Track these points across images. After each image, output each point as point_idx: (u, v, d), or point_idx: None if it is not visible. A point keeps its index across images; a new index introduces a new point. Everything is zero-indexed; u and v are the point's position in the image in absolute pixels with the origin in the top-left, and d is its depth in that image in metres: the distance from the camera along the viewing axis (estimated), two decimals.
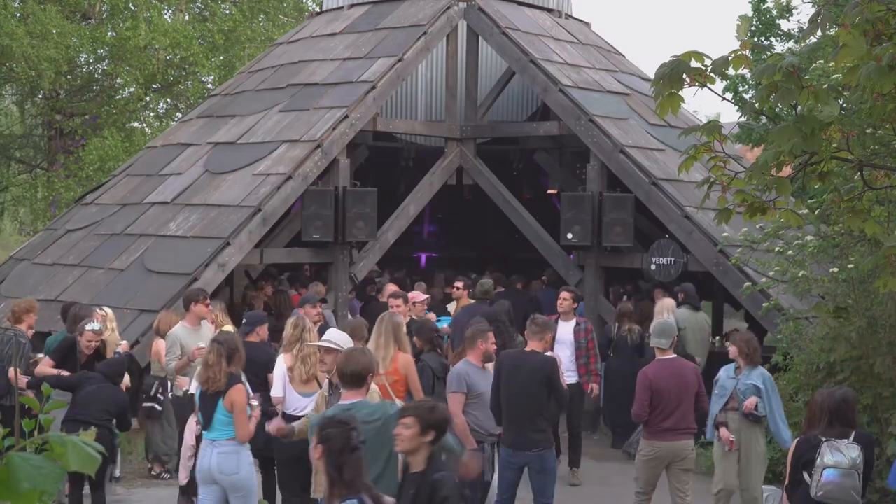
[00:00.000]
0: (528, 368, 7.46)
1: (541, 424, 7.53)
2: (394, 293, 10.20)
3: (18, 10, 21.12)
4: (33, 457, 1.91)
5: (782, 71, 4.12)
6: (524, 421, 7.46)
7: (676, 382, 7.71)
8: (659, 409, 7.71)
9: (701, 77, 4.26)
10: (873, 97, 4.58)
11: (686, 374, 7.81)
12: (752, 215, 4.87)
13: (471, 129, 14.37)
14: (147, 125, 24.29)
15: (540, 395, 7.49)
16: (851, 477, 5.92)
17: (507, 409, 7.49)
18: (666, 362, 7.84)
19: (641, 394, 7.74)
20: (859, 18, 4.27)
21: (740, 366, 8.25)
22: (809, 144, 4.25)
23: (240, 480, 6.83)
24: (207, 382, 6.79)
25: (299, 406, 7.46)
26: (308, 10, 23.06)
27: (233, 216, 11.87)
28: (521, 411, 7.45)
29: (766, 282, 10.80)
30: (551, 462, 7.68)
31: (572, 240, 12.53)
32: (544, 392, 7.51)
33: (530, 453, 7.49)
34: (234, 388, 6.75)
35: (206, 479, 6.88)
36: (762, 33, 14.44)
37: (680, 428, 7.74)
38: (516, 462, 7.58)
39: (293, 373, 7.58)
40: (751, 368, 8.19)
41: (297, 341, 7.69)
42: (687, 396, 7.73)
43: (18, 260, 14.03)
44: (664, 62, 4.30)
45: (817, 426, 6.11)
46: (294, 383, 7.57)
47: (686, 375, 7.79)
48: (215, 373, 6.75)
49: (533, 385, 7.43)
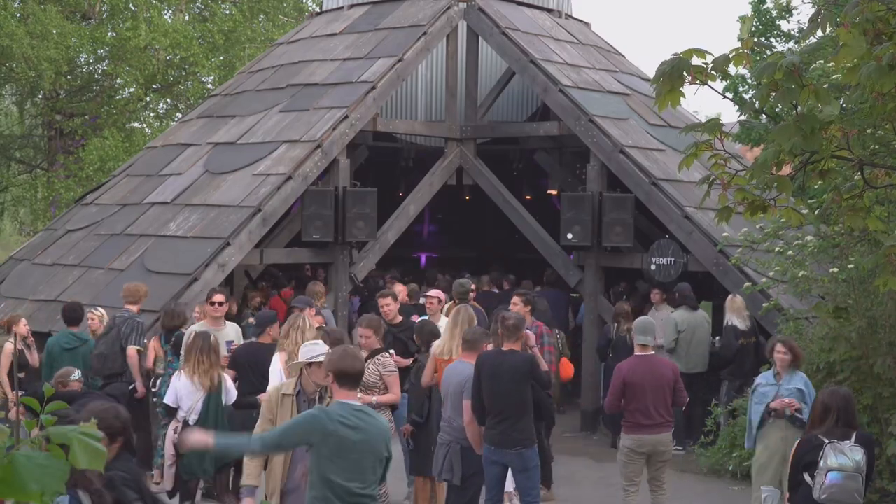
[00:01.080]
0: (509, 367, 7.41)
1: (524, 423, 7.50)
2: (383, 292, 10.17)
3: (18, 10, 21.13)
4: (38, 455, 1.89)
5: (783, 70, 4.12)
6: (507, 419, 7.42)
7: (651, 378, 7.88)
8: (635, 404, 7.88)
9: (702, 75, 4.27)
10: (873, 96, 4.59)
11: (661, 370, 7.99)
12: (752, 213, 4.87)
13: (471, 129, 14.37)
14: (147, 125, 24.31)
15: (524, 393, 7.49)
16: (855, 480, 5.91)
17: (489, 408, 7.42)
18: (642, 358, 7.99)
19: (614, 387, 7.97)
20: (859, 18, 4.28)
21: (780, 371, 8.02)
22: (810, 143, 4.25)
23: None
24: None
25: None
26: (308, 11, 23.07)
27: (233, 216, 11.87)
28: (504, 410, 7.40)
29: (766, 282, 10.81)
30: (533, 460, 7.61)
31: (572, 240, 12.52)
32: (528, 390, 7.53)
33: (511, 451, 7.42)
34: None
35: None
36: (762, 34, 14.45)
37: (657, 422, 7.91)
38: (498, 459, 7.53)
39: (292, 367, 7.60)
40: (792, 372, 8.00)
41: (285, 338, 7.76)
42: (662, 392, 7.90)
43: (18, 260, 14.03)
44: (665, 60, 4.31)
45: (822, 426, 6.09)
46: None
47: (661, 371, 7.96)
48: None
49: (516, 383, 7.41)
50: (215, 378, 8.03)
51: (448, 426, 7.59)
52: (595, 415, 12.47)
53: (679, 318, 11.50)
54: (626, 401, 7.95)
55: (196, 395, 8.02)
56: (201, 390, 8.02)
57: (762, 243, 10.83)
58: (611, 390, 8.08)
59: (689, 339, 11.44)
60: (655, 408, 7.87)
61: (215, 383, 8.03)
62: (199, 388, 8.03)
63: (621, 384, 7.92)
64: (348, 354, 5.43)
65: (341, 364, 5.28)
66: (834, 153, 4.79)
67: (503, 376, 7.39)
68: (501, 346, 7.61)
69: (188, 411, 8.03)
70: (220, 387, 8.11)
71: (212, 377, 8.02)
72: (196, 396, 8.02)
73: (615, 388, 7.97)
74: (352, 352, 5.60)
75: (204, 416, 8.00)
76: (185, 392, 8.05)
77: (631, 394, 7.90)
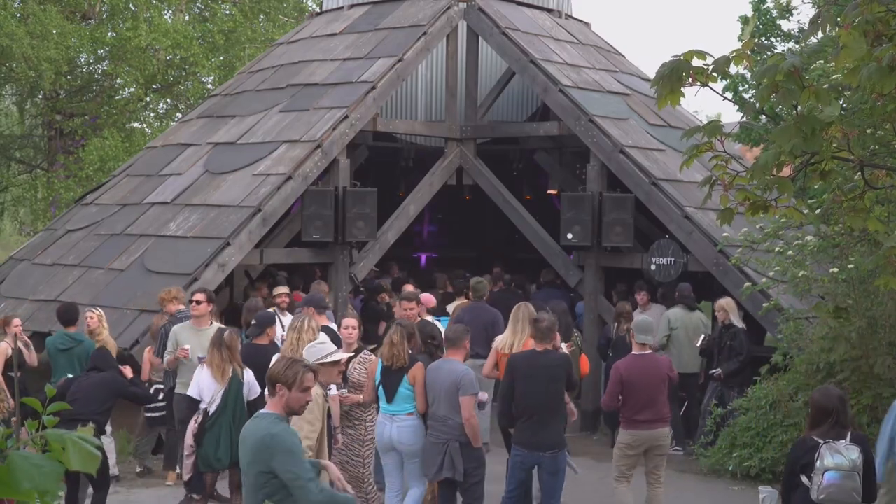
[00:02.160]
0: (545, 367, 7.56)
1: (556, 424, 7.64)
2: (406, 295, 10.11)
3: (19, 10, 21.11)
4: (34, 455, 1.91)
5: (783, 71, 4.12)
6: (540, 421, 7.55)
7: (648, 376, 8.05)
8: (632, 402, 8.04)
9: (702, 76, 4.26)
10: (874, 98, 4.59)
11: (658, 367, 8.17)
12: (754, 213, 4.88)
13: (471, 129, 14.37)
14: (147, 125, 24.29)
15: (560, 393, 7.66)
16: (852, 478, 5.90)
17: (523, 409, 7.57)
18: (639, 357, 8.16)
19: (612, 385, 8.13)
20: (859, 19, 4.28)
21: None
22: (810, 144, 4.25)
23: (418, 450, 7.71)
24: (392, 359, 7.68)
25: None
26: (308, 11, 23.07)
27: (233, 216, 11.87)
28: (539, 411, 7.54)
29: (766, 282, 10.80)
30: (563, 463, 7.72)
31: (572, 240, 12.52)
32: (563, 390, 7.70)
33: (546, 454, 7.55)
34: (416, 365, 7.68)
35: (385, 447, 7.85)
36: (763, 34, 14.46)
37: (655, 418, 8.08)
38: (530, 461, 7.60)
39: None
40: None
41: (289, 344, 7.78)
42: (659, 389, 8.10)
43: (18, 260, 14.03)
44: (665, 61, 4.30)
45: (818, 428, 6.08)
46: None
47: (658, 369, 8.15)
48: (399, 351, 7.67)
49: (553, 383, 7.59)
50: (228, 372, 8.06)
51: (442, 425, 7.57)
52: (595, 414, 12.46)
53: (673, 316, 11.50)
54: (623, 398, 8.08)
55: (215, 386, 8.09)
56: (220, 383, 8.07)
57: (762, 243, 10.82)
58: (608, 388, 8.24)
59: (682, 339, 11.42)
60: (652, 404, 8.04)
61: (227, 377, 8.04)
62: (218, 381, 8.09)
63: (618, 382, 8.04)
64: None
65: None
66: (834, 154, 4.79)
67: (539, 376, 7.55)
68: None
69: (209, 402, 8.07)
70: (235, 381, 8.11)
71: (223, 371, 8.04)
72: (215, 388, 8.09)
73: (613, 385, 8.11)
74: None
75: (223, 408, 8.05)
76: (206, 384, 8.11)
77: (628, 391, 8.04)
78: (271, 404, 5.17)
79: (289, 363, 5.21)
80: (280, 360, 5.37)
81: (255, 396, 8.20)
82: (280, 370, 5.15)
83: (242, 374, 8.22)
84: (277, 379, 5.13)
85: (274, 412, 5.11)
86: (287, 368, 5.14)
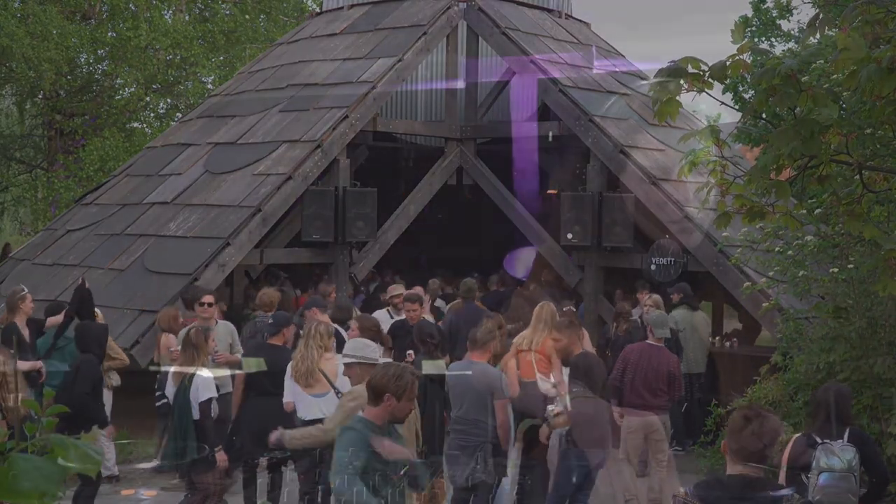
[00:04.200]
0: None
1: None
2: (409, 296, 10.05)
3: (19, 10, 21.10)
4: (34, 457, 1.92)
5: (780, 75, 4.12)
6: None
7: (650, 364, 8.61)
8: (631, 385, 8.60)
9: (699, 82, 4.26)
10: (873, 99, 4.59)
11: (664, 361, 8.70)
12: (751, 220, 4.87)
13: (471, 129, 14.37)
14: (147, 125, 24.26)
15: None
16: (847, 480, 5.90)
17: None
18: (651, 346, 8.75)
19: (617, 363, 8.84)
20: (858, 21, 4.28)
21: None
22: (808, 147, 4.25)
23: None
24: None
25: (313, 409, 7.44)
26: (308, 11, 23.06)
27: (233, 216, 11.88)
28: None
29: (766, 282, 10.80)
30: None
31: (572, 240, 12.52)
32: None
33: (602, 452, 7.76)
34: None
35: None
36: (762, 33, 14.45)
37: (651, 405, 8.61)
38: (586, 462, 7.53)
39: (295, 374, 7.57)
40: None
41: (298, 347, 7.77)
42: (655, 377, 8.62)
43: (18, 260, 14.03)
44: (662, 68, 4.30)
45: (815, 421, 6.10)
46: (301, 386, 7.55)
47: (662, 360, 8.68)
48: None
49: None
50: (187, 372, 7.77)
51: (474, 427, 7.34)
52: None
53: (678, 317, 11.49)
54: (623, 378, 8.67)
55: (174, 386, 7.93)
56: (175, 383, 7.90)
57: (762, 243, 10.81)
58: (615, 365, 8.87)
59: (687, 339, 11.42)
60: (646, 390, 8.57)
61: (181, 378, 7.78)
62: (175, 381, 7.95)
63: (622, 362, 8.70)
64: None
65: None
66: (833, 157, 4.79)
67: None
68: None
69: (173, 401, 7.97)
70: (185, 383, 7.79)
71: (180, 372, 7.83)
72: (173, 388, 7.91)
73: (618, 364, 8.75)
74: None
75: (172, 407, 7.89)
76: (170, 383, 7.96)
77: (630, 373, 8.61)
78: (370, 412, 4.98)
79: (399, 372, 5.02)
80: (388, 369, 5.13)
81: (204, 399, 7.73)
82: (390, 380, 4.94)
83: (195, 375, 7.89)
84: (386, 388, 4.92)
85: (370, 420, 4.94)
86: (398, 378, 4.93)
